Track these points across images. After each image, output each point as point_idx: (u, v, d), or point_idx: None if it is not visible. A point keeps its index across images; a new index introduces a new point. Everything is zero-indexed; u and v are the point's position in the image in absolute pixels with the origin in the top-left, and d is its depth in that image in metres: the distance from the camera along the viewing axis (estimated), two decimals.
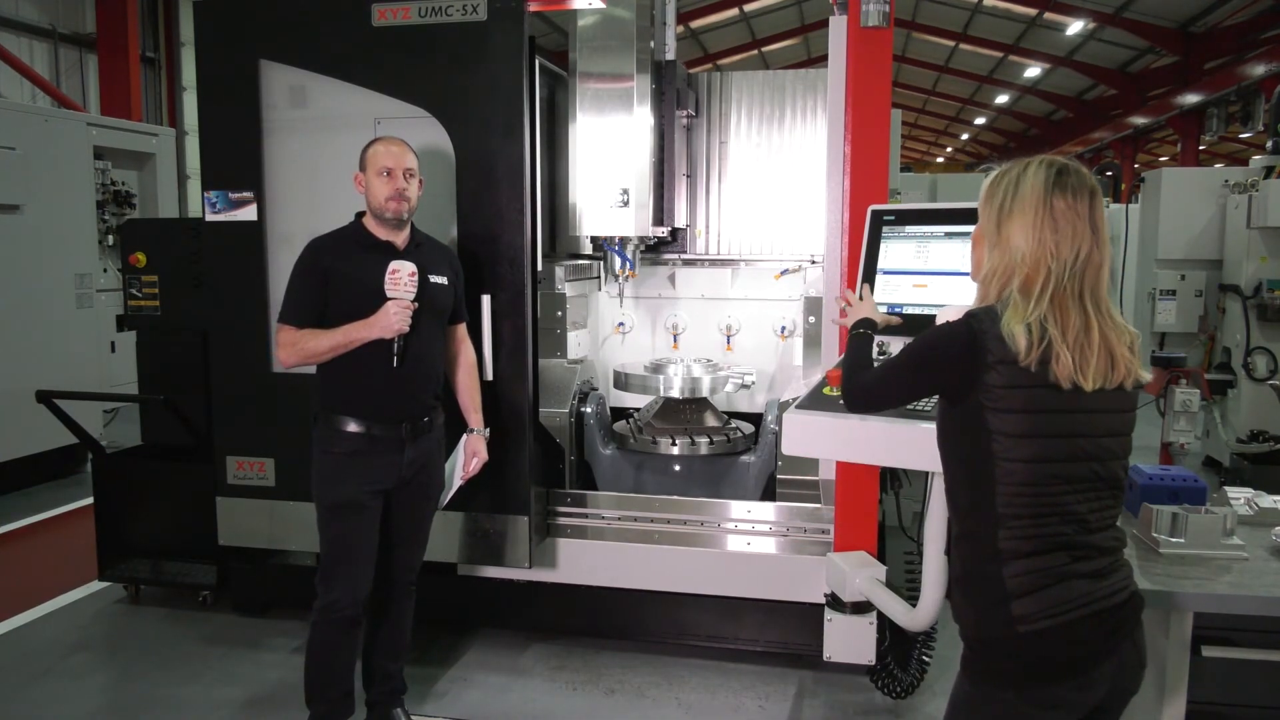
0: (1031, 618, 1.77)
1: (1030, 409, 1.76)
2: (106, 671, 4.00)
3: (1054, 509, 1.79)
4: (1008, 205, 1.87)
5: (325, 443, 3.15)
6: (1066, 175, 1.85)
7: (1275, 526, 2.50)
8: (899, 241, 3.00)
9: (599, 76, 4.01)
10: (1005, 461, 1.77)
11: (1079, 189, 1.84)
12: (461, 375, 3.43)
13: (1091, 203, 1.84)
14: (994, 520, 1.80)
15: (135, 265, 4.59)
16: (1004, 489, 1.78)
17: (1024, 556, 1.78)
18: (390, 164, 3.10)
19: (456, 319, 3.39)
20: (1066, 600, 1.78)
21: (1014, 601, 1.78)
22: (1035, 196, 1.84)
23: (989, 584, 1.81)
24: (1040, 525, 1.79)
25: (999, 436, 1.77)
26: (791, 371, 4.45)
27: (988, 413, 1.77)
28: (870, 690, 3.71)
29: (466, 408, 3.45)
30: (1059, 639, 1.78)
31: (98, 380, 6.92)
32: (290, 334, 3.10)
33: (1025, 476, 1.77)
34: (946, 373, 1.84)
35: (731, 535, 3.87)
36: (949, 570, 1.97)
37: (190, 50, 11.53)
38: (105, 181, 7.45)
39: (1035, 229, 1.82)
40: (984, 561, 1.82)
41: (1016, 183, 1.88)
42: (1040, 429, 1.77)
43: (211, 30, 3.93)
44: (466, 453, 3.44)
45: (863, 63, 3.42)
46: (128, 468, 4.66)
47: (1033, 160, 1.90)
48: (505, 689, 3.79)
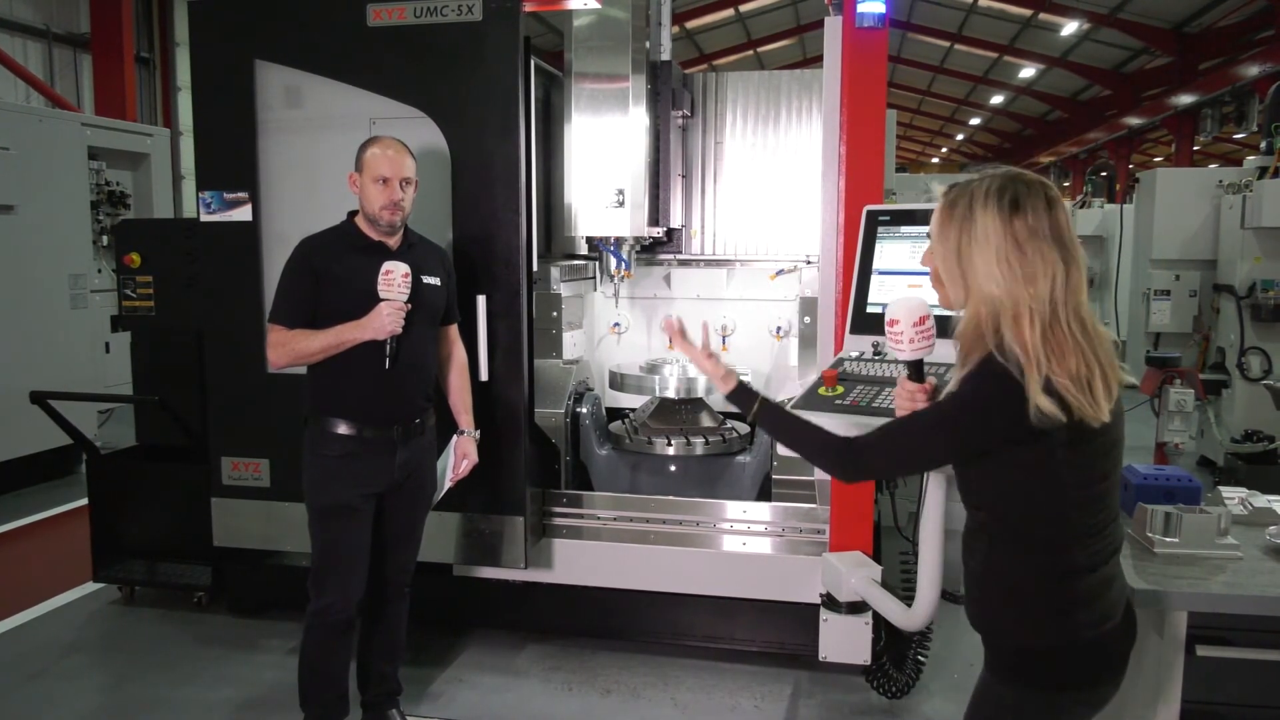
0: (1094, 623, 1.80)
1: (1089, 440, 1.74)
2: (101, 673, 3.99)
3: (1113, 515, 1.83)
4: (965, 243, 1.77)
5: (316, 446, 3.13)
6: (1020, 196, 1.74)
7: (1269, 526, 2.50)
8: (894, 242, 3.00)
9: (594, 77, 4.01)
10: (1078, 489, 1.76)
11: (1035, 207, 1.74)
12: (453, 377, 3.42)
13: (1051, 216, 1.74)
14: (1066, 543, 1.79)
15: (130, 266, 4.58)
16: (1077, 513, 1.77)
17: (1094, 570, 1.80)
18: (387, 172, 3.05)
19: (449, 320, 3.38)
20: (1114, 603, 1.84)
21: (1080, 611, 1.79)
22: (994, 232, 1.74)
23: (1057, 598, 1.80)
24: (1105, 537, 1.82)
25: (1069, 470, 1.74)
26: (787, 372, 4.46)
27: (1057, 451, 1.72)
28: (866, 690, 3.71)
29: (457, 409, 3.43)
30: (1113, 639, 1.84)
31: (92, 381, 6.89)
32: (281, 334, 3.08)
33: (1096, 496, 1.79)
34: (1001, 433, 1.73)
35: (727, 535, 3.87)
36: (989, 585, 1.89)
37: (185, 50, 11.52)
38: (100, 182, 7.43)
39: (1002, 268, 1.72)
40: (1055, 578, 1.80)
41: (969, 217, 1.77)
42: (1101, 451, 1.78)
43: (206, 30, 3.92)
44: (456, 454, 3.41)
45: (858, 63, 3.42)
46: (122, 469, 4.64)
47: (978, 186, 1.78)
48: (501, 690, 3.78)
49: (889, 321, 1.98)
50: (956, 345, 1.82)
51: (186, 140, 11.01)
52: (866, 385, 2.61)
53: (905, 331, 1.95)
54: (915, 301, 1.98)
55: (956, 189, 1.82)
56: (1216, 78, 14.43)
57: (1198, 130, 15.72)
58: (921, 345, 1.95)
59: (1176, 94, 15.86)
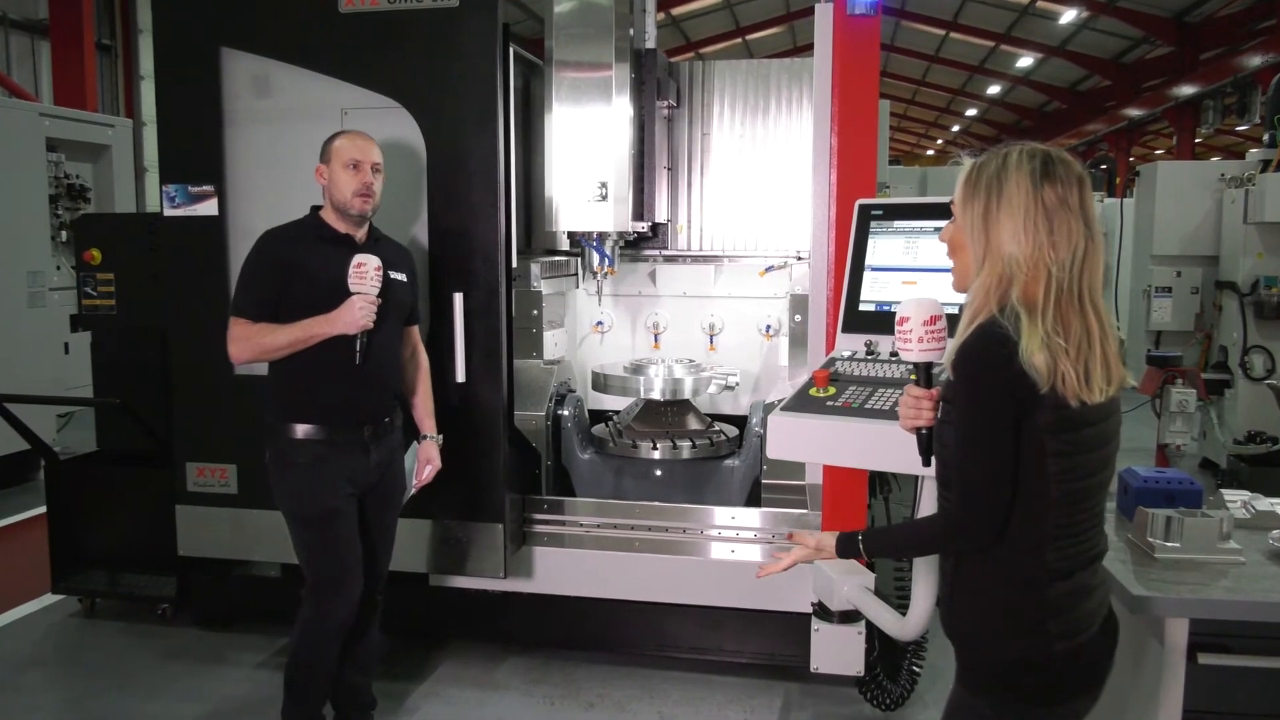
0: (1066, 635, 1.79)
1: (1078, 426, 1.74)
2: (61, 689, 3.96)
3: (1093, 522, 1.83)
4: (994, 206, 1.78)
5: (285, 455, 3.12)
6: (1053, 164, 1.78)
7: (1273, 530, 2.52)
8: (887, 237, 3.01)
9: (576, 65, 4.00)
10: (1061, 483, 1.75)
11: (1067, 178, 1.77)
12: (415, 380, 3.43)
13: (1081, 192, 1.77)
14: (1038, 543, 1.78)
15: (90, 262, 4.54)
16: (1056, 511, 1.76)
17: (1065, 577, 1.80)
18: (358, 157, 3.10)
19: (412, 320, 3.39)
20: (1091, 613, 1.83)
21: (1050, 622, 1.79)
22: (1024, 193, 1.76)
23: (1026, 607, 1.80)
24: (1081, 542, 1.81)
25: (1054, 458, 1.74)
26: (777, 372, 4.46)
27: (1045, 435, 1.72)
28: (859, 702, 3.73)
29: (420, 413, 3.44)
30: (1088, 653, 1.82)
31: (51, 383, 6.84)
32: (244, 328, 3.06)
33: (1078, 495, 1.77)
34: (1012, 400, 1.72)
35: (715, 542, 3.88)
36: (962, 593, 1.90)
37: (148, 37, 11.36)
38: (58, 175, 7.36)
39: (1029, 230, 1.74)
40: (1023, 585, 1.80)
41: (999, 179, 1.79)
42: (1089, 444, 1.77)
43: (170, 16, 3.90)
44: (420, 460, 3.41)
45: (850, 52, 3.44)
46: (82, 475, 4.61)
47: (1011, 151, 1.82)
48: (480, 704, 3.78)
49: (899, 320, 1.98)
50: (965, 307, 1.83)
51: (150, 131, 10.93)
52: (859, 386, 2.61)
53: (915, 330, 1.95)
54: (928, 300, 1.98)
55: (987, 154, 1.85)
56: (1218, 68, 14.54)
57: (1199, 122, 15.81)
58: (931, 347, 1.95)
59: (1177, 85, 15.96)
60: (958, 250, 1.90)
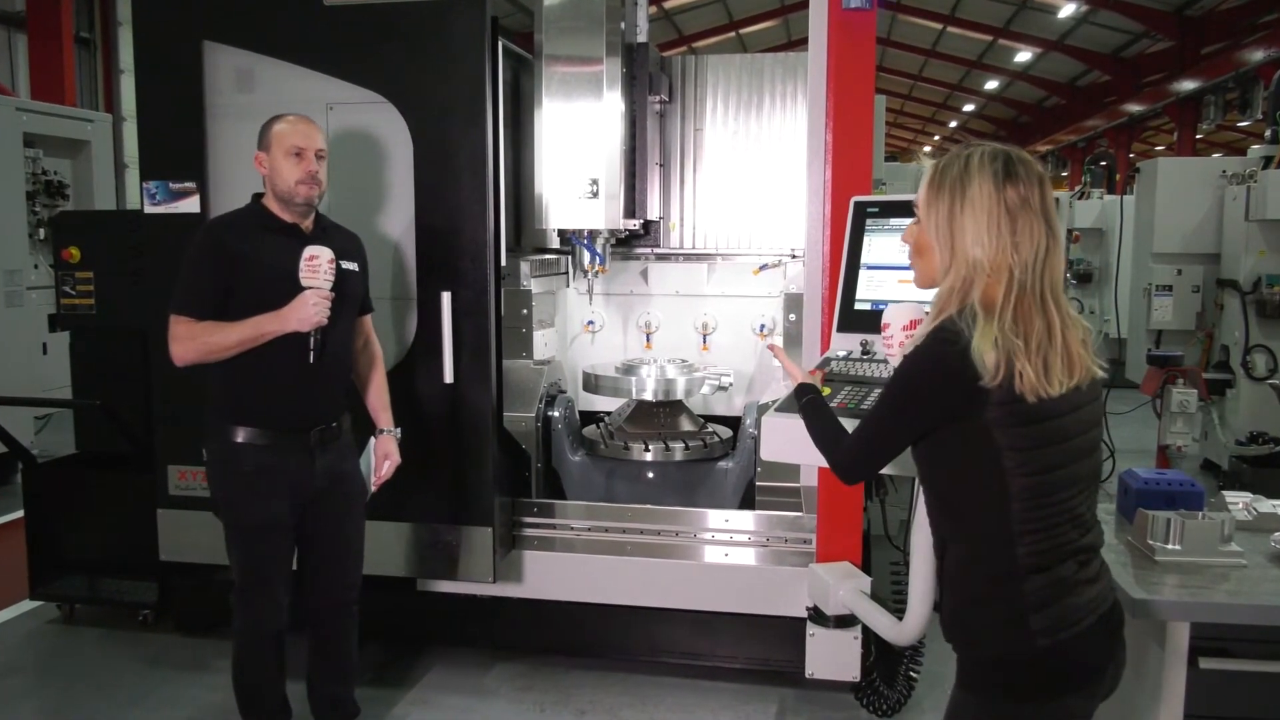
0: (1050, 630, 1.81)
1: (1033, 420, 1.78)
2: (39, 697, 3.95)
3: (1066, 515, 1.84)
4: (958, 209, 1.84)
5: (227, 461, 3.07)
6: (1014, 165, 1.83)
7: (1275, 532, 2.53)
8: (883, 234, 3.02)
9: (566, 60, 4.00)
10: (1021, 476, 1.79)
11: (1029, 179, 1.83)
12: (369, 372, 3.38)
13: (1042, 191, 1.84)
14: (1009, 537, 1.81)
15: (69, 261, 4.53)
16: (1019, 504, 1.80)
17: (1042, 570, 1.82)
18: (301, 143, 3.03)
19: (364, 309, 3.35)
20: (1079, 609, 1.84)
21: (1031, 616, 1.81)
22: (987, 195, 1.81)
23: (1005, 601, 1.83)
24: (1054, 536, 1.83)
25: (1009, 452, 1.78)
26: (771, 372, 4.47)
27: (995, 430, 1.77)
28: (855, 708, 3.73)
29: (375, 407, 3.38)
30: (1076, 649, 1.84)
31: (28, 384, 6.81)
32: (188, 326, 2.98)
33: (1041, 488, 1.80)
34: (944, 400, 1.81)
35: (708, 546, 3.88)
36: (949, 590, 1.96)
37: (128, 30, 11.34)
38: (36, 171, 7.34)
39: (993, 232, 1.80)
40: (999, 579, 1.84)
41: (962, 182, 1.84)
42: (1048, 437, 1.80)
43: (151, 8, 3.89)
44: (378, 455, 3.35)
45: (845, 46, 3.44)
46: (61, 478, 4.59)
47: (973, 152, 1.87)
48: (468, 711, 3.77)
49: (882, 325, 2.09)
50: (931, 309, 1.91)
51: (130, 127, 10.90)
52: (855, 386, 2.61)
53: (895, 335, 2.07)
54: (910, 306, 2.07)
55: (949, 155, 1.90)
56: (1220, 63, 14.59)
57: (1200, 118, 15.89)
58: None
59: (1178, 80, 16.03)
60: (922, 251, 1.95)
